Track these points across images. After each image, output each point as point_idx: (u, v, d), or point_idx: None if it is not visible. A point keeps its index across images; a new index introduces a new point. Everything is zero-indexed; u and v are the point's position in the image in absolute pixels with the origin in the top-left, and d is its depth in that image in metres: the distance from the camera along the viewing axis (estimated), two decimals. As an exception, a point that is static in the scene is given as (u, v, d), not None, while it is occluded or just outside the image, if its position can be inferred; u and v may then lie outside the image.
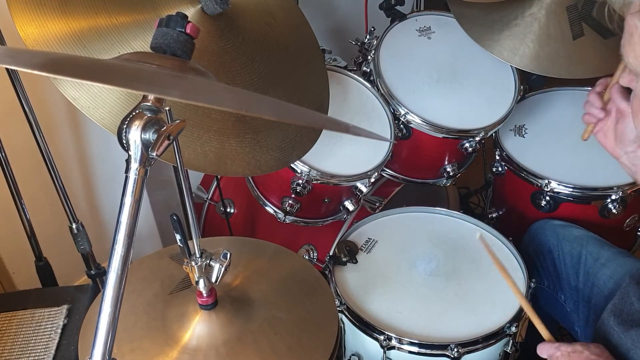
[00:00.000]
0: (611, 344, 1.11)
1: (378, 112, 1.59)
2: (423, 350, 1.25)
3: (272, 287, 1.15)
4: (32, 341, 1.22)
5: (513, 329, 1.28)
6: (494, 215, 1.76)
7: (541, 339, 1.12)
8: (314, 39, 1.39)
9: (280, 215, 1.56)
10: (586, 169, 1.55)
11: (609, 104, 1.21)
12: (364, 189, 1.50)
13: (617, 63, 1.54)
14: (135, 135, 0.70)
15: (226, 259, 0.99)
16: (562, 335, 1.79)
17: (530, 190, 1.56)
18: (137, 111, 0.71)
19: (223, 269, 0.99)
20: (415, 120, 1.54)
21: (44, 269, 1.51)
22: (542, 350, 1.12)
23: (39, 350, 1.20)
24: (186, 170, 1.03)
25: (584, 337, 1.36)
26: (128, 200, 0.72)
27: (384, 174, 1.69)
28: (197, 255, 0.98)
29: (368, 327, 1.28)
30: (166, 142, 0.72)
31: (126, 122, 0.71)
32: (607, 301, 1.26)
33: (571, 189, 1.51)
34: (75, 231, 1.48)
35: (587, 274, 1.35)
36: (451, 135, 1.55)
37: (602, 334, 1.15)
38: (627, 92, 1.11)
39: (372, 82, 1.61)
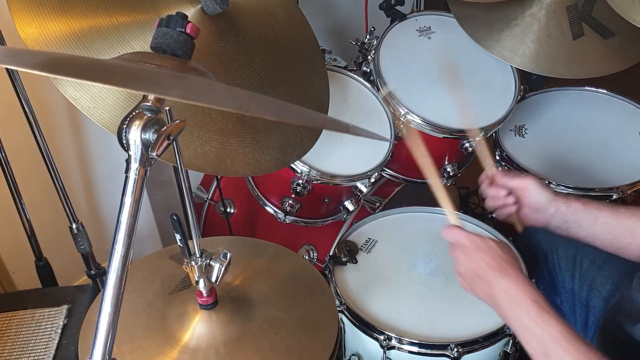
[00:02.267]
0: (619, 340, 1.11)
1: (378, 112, 1.59)
2: (423, 350, 1.24)
3: (272, 287, 1.15)
4: (32, 341, 1.22)
5: (513, 329, 1.28)
6: (493, 215, 1.76)
7: None
8: (314, 39, 1.39)
9: (280, 215, 1.56)
10: (586, 169, 1.55)
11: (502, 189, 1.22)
12: (364, 189, 1.50)
13: (617, 63, 1.55)
14: (135, 135, 0.70)
15: (226, 259, 0.99)
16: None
17: (530, 190, 1.56)
18: (137, 111, 0.71)
19: (223, 269, 0.99)
20: (415, 120, 1.54)
21: (44, 269, 1.51)
22: (449, 232, 1.09)
23: (39, 350, 1.20)
24: (186, 170, 1.03)
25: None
26: (128, 200, 0.72)
27: (384, 174, 1.69)
28: (197, 255, 0.98)
29: (368, 327, 1.28)
30: (166, 142, 0.72)
31: (126, 122, 0.71)
32: (606, 303, 1.26)
33: (571, 190, 1.50)
34: (75, 231, 1.48)
35: (583, 276, 1.35)
36: (451, 135, 1.55)
37: (608, 331, 1.15)
38: (507, 171, 1.18)
39: (372, 82, 1.61)
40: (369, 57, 1.63)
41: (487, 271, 1.00)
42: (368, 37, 1.67)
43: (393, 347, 1.26)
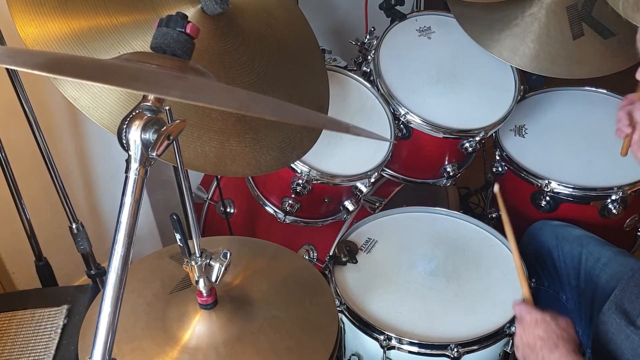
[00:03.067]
0: (610, 333, 1.11)
1: (378, 112, 1.59)
2: (423, 350, 1.25)
3: (272, 287, 1.15)
4: (32, 341, 1.22)
5: (513, 329, 1.27)
6: (493, 215, 1.76)
7: None
8: (314, 39, 1.39)
9: (280, 215, 1.56)
10: (586, 169, 1.55)
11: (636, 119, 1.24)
12: (364, 189, 1.50)
13: (617, 63, 1.55)
14: (135, 135, 0.70)
15: (226, 259, 0.99)
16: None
17: (530, 190, 1.56)
18: (137, 111, 0.71)
19: (223, 269, 0.99)
20: (415, 120, 1.54)
21: (44, 269, 1.51)
22: (516, 308, 1.17)
23: (39, 350, 1.20)
24: (186, 170, 1.03)
25: (585, 336, 1.36)
26: (128, 200, 0.72)
27: (384, 174, 1.69)
28: (197, 255, 0.98)
29: (368, 327, 1.28)
30: (166, 142, 0.72)
31: (126, 122, 0.71)
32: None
33: (571, 189, 1.51)
34: (75, 231, 1.48)
35: (589, 274, 1.35)
36: (451, 135, 1.55)
37: (602, 324, 1.15)
38: None
39: (372, 82, 1.61)
40: (369, 57, 1.63)
41: (538, 345, 1.08)
42: (368, 37, 1.67)
43: (393, 347, 1.26)
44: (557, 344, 1.05)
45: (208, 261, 0.99)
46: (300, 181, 1.45)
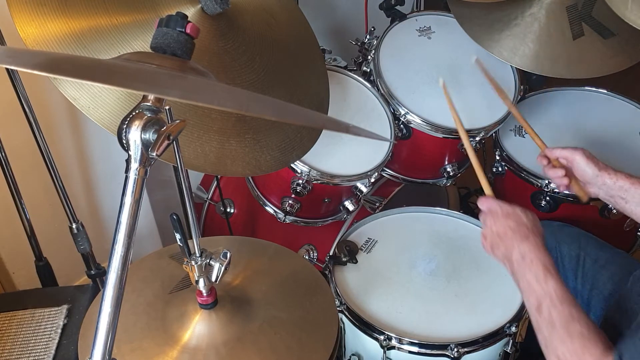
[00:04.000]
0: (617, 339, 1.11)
1: (378, 112, 1.59)
2: (423, 350, 1.25)
3: (272, 287, 1.15)
4: (32, 341, 1.22)
5: (513, 329, 1.28)
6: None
7: (536, 342, 1.13)
8: (314, 39, 1.39)
9: (280, 215, 1.56)
10: (586, 169, 1.55)
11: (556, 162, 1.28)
12: (364, 189, 1.50)
13: (617, 63, 1.55)
14: (135, 135, 0.70)
15: (226, 258, 0.99)
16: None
17: (530, 190, 1.56)
18: (137, 111, 0.71)
19: (223, 268, 0.99)
20: (415, 120, 1.54)
21: (44, 269, 1.51)
22: (484, 201, 1.17)
23: (39, 350, 1.20)
24: (186, 170, 1.03)
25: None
26: (128, 200, 0.72)
27: (384, 174, 1.69)
28: (197, 255, 0.98)
29: (368, 327, 1.28)
30: (166, 142, 0.72)
31: (126, 122, 0.71)
32: (606, 302, 1.26)
33: (571, 189, 1.50)
34: (75, 231, 1.48)
35: (586, 275, 1.35)
36: (451, 135, 1.55)
37: (608, 330, 1.15)
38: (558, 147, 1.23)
39: (372, 82, 1.61)
40: (369, 57, 1.63)
41: (509, 234, 1.08)
42: (368, 37, 1.67)
43: (393, 347, 1.26)
44: (528, 236, 1.06)
45: (208, 261, 0.99)
46: (300, 181, 1.45)
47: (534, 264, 1.02)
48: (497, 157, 1.64)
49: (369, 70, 1.63)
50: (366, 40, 1.67)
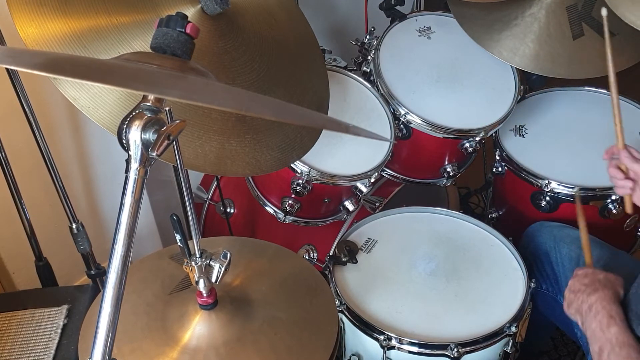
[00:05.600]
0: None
1: (378, 112, 1.59)
2: (423, 350, 1.25)
3: (272, 287, 1.15)
4: (32, 341, 1.22)
5: (513, 329, 1.28)
6: (494, 215, 1.76)
7: (536, 342, 1.14)
8: (314, 39, 1.39)
9: (280, 215, 1.56)
10: (586, 169, 1.55)
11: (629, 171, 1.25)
12: (364, 189, 1.50)
13: (617, 63, 1.55)
14: (135, 135, 0.70)
15: (226, 259, 0.99)
16: (562, 335, 1.79)
17: (530, 190, 1.56)
18: (137, 111, 0.71)
19: (223, 269, 0.99)
20: (415, 120, 1.54)
21: (44, 269, 1.51)
22: (576, 272, 1.22)
23: (39, 350, 1.20)
24: (186, 170, 1.03)
25: (584, 339, 1.36)
26: (128, 200, 0.72)
27: (384, 174, 1.69)
28: (197, 255, 0.98)
29: (368, 327, 1.28)
30: (166, 142, 0.72)
31: (126, 122, 0.71)
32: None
33: (571, 189, 1.50)
34: (75, 231, 1.48)
35: None
36: (451, 135, 1.55)
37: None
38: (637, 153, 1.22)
39: (372, 82, 1.61)
40: (369, 57, 1.63)
41: (581, 290, 1.15)
42: (368, 37, 1.67)
43: (393, 347, 1.26)
44: (597, 289, 1.11)
45: (208, 262, 0.99)
46: (300, 181, 1.45)
47: (599, 314, 1.07)
48: (497, 157, 1.64)
49: (369, 70, 1.63)
50: (366, 40, 1.67)
